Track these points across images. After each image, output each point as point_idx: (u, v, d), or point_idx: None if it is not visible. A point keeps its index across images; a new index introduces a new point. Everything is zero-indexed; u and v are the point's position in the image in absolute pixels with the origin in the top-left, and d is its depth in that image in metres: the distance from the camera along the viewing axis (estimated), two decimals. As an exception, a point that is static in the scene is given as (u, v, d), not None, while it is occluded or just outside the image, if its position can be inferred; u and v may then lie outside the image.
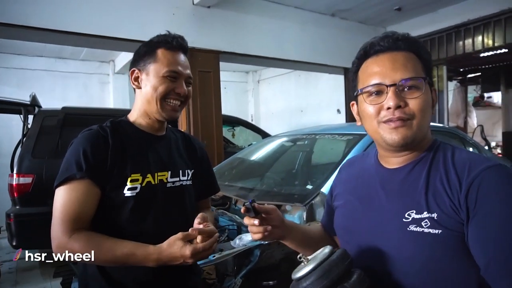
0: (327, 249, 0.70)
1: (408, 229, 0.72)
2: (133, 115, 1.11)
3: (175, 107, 1.07)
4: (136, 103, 1.10)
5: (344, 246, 0.89)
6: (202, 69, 4.07)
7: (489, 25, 4.73)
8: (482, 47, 4.87)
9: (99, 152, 0.97)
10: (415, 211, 0.73)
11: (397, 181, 0.79)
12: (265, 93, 9.14)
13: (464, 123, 7.47)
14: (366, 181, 0.87)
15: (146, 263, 0.91)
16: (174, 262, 0.92)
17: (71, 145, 1.00)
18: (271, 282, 1.50)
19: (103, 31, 3.56)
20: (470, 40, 4.97)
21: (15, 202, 3.33)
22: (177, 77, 1.05)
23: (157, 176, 1.05)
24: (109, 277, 0.99)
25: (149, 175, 1.03)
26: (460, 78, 7.36)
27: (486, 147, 4.18)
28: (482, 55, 5.34)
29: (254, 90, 9.28)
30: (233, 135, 6.08)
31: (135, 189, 1.00)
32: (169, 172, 1.08)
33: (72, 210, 0.92)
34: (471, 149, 2.92)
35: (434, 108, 0.81)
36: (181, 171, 1.12)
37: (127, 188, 0.98)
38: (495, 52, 5.17)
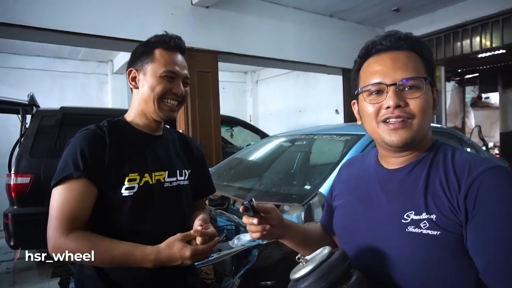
0: (326, 250, 0.70)
1: (407, 230, 0.72)
2: (130, 115, 1.10)
3: (172, 107, 1.07)
4: (133, 103, 1.10)
5: (343, 246, 0.89)
6: (200, 69, 4.07)
7: (487, 26, 4.75)
8: (480, 48, 4.89)
9: (97, 151, 0.97)
10: (414, 212, 0.72)
11: (396, 182, 0.79)
12: (263, 93, 9.14)
13: (462, 123, 7.50)
14: (366, 181, 0.87)
15: (143, 264, 0.90)
16: (172, 263, 0.91)
17: (68, 144, 1.00)
18: (269, 282, 1.50)
19: (102, 31, 3.56)
20: (468, 41, 4.99)
21: (12, 202, 3.31)
22: (174, 77, 1.05)
23: (155, 175, 1.05)
24: (106, 277, 0.98)
25: (146, 175, 1.03)
26: (458, 78, 7.39)
27: (483, 148, 4.19)
28: (480, 56, 5.36)
29: (252, 90, 9.28)
30: (232, 135, 6.08)
31: (132, 188, 0.99)
32: (167, 172, 1.08)
33: (69, 209, 0.92)
34: (468, 150, 2.93)
35: (435, 108, 0.81)
36: (178, 171, 1.12)
37: (124, 187, 0.98)
38: (493, 53, 5.20)
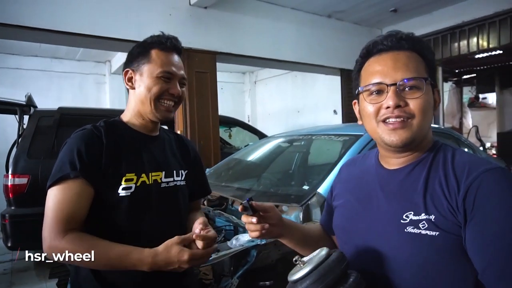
0: (324, 252, 0.69)
1: (405, 230, 0.72)
2: (126, 115, 1.10)
3: (169, 108, 1.07)
4: (129, 103, 1.10)
5: (342, 246, 0.90)
6: (198, 70, 4.07)
7: (484, 27, 4.77)
8: (477, 48, 4.91)
9: (94, 151, 0.96)
10: (413, 213, 0.72)
11: (396, 182, 0.79)
12: (261, 93, 9.14)
13: (459, 124, 7.53)
14: (365, 182, 0.87)
15: (140, 267, 0.89)
16: (169, 266, 0.90)
17: (65, 145, 0.99)
18: (268, 282, 1.50)
19: (100, 32, 3.55)
20: (465, 41, 5.01)
21: (10, 202, 3.30)
22: (171, 77, 1.05)
23: (151, 176, 1.05)
24: (103, 279, 0.98)
25: (143, 175, 1.02)
26: (455, 79, 7.42)
27: (481, 148, 4.21)
28: (477, 56, 5.39)
29: (250, 90, 9.28)
30: (230, 136, 6.07)
31: (129, 188, 0.99)
32: (163, 172, 1.08)
33: (65, 210, 0.91)
34: (466, 150, 2.94)
35: (436, 109, 0.81)
36: (175, 172, 1.12)
37: (121, 187, 0.98)
38: (490, 53, 5.23)
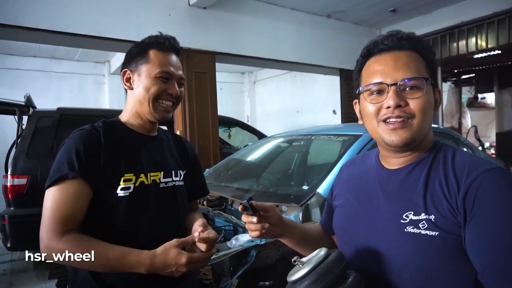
0: (323, 252, 0.69)
1: (405, 230, 0.72)
2: (124, 116, 1.10)
3: (168, 108, 1.07)
4: (127, 103, 1.10)
5: (342, 246, 0.90)
6: (198, 70, 4.07)
7: (482, 27, 4.78)
8: (475, 48, 4.92)
9: (92, 151, 0.96)
10: (413, 213, 0.72)
11: (396, 182, 0.79)
12: (261, 94, 9.14)
13: (458, 123, 7.55)
14: (366, 182, 0.87)
15: (137, 269, 0.88)
16: (166, 269, 0.89)
17: (63, 145, 0.99)
18: (267, 282, 1.50)
19: (99, 32, 3.54)
20: (464, 41, 5.02)
21: (9, 203, 3.30)
22: (169, 77, 1.05)
23: (150, 176, 1.04)
24: (102, 281, 0.97)
25: (142, 175, 1.02)
26: (454, 79, 7.44)
27: (480, 148, 4.22)
28: (475, 56, 5.40)
29: (250, 91, 9.28)
30: (229, 136, 6.07)
31: (128, 189, 0.99)
32: (162, 172, 1.08)
33: (63, 210, 0.90)
34: (465, 150, 2.94)
35: (437, 109, 0.81)
36: (173, 172, 1.12)
37: (120, 188, 0.98)
38: (489, 53, 5.24)
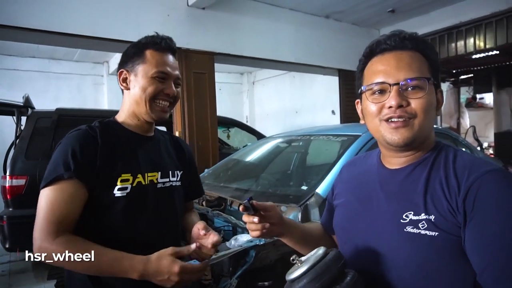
0: (321, 251, 0.70)
1: (405, 230, 0.72)
2: (121, 116, 1.10)
3: (164, 108, 1.07)
4: (124, 104, 1.09)
5: (342, 245, 0.90)
6: (197, 71, 4.06)
7: (481, 28, 4.79)
8: (474, 49, 4.92)
9: (88, 151, 0.96)
10: (413, 213, 0.72)
11: (396, 182, 0.79)
12: (260, 94, 9.14)
13: (457, 124, 7.56)
14: (366, 181, 0.87)
15: (129, 274, 0.87)
16: (158, 277, 0.87)
17: (59, 145, 0.98)
18: (267, 282, 1.50)
19: (98, 33, 3.54)
20: (462, 42, 5.03)
21: (8, 204, 3.29)
22: (165, 78, 1.05)
23: (147, 176, 1.04)
24: (98, 281, 0.97)
25: (139, 175, 1.02)
26: (452, 79, 7.45)
27: (478, 148, 4.23)
28: (474, 57, 5.40)
29: (249, 91, 9.29)
30: (228, 136, 6.08)
31: (125, 189, 0.98)
32: (159, 172, 1.08)
33: (57, 211, 0.90)
34: (463, 150, 2.95)
35: (439, 109, 0.81)
36: (170, 172, 1.12)
37: (117, 188, 0.97)
38: (487, 54, 5.24)
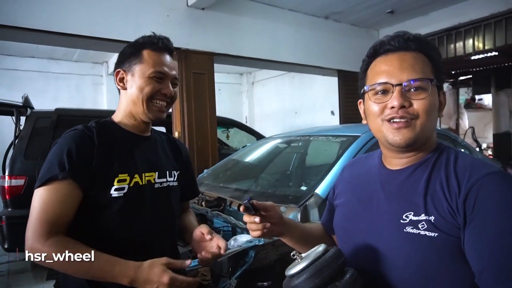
0: (321, 248, 0.70)
1: (404, 230, 0.72)
2: (117, 116, 1.09)
3: (162, 108, 1.06)
4: (120, 104, 1.09)
5: (341, 245, 0.90)
6: (196, 71, 4.07)
7: (479, 29, 4.80)
8: (473, 50, 4.94)
9: (85, 151, 0.95)
10: (413, 213, 0.73)
11: (397, 183, 0.79)
12: (259, 94, 9.15)
13: (456, 125, 7.59)
14: (367, 182, 0.88)
15: (120, 279, 0.87)
16: (148, 285, 0.86)
17: (55, 145, 0.98)
18: (266, 283, 1.50)
19: (97, 33, 3.54)
20: (461, 43, 5.04)
21: (7, 204, 3.29)
22: (163, 77, 1.05)
23: (145, 176, 1.04)
24: (94, 282, 0.95)
25: (136, 176, 1.02)
26: (451, 80, 7.47)
27: (477, 149, 4.24)
28: (473, 58, 5.41)
29: (248, 91, 9.29)
30: (228, 137, 6.08)
31: (122, 189, 0.98)
32: (157, 172, 1.08)
33: (51, 212, 0.89)
34: (462, 151, 2.95)
35: (441, 111, 0.81)
36: (167, 172, 1.12)
37: (114, 188, 0.97)
38: (486, 55, 5.26)
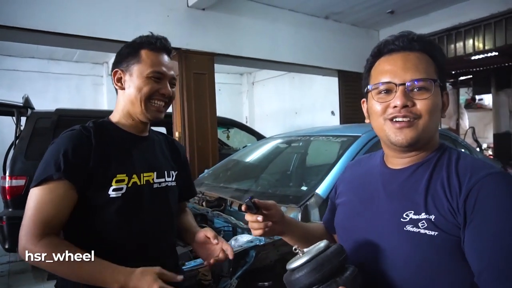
0: (323, 243, 0.71)
1: (405, 229, 0.73)
2: (115, 116, 1.09)
3: (160, 108, 1.06)
4: (118, 104, 1.09)
5: (342, 244, 0.90)
6: (196, 71, 4.07)
7: (480, 29, 4.80)
8: (473, 50, 4.93)
9: (82, 152, 0.95)
10: (413, 212, 0.73)
11: (398, 182, 0.80)
12: (259, 94, 9.15)
13: (456, 125, 7.58)
14: (369, 181, 0.88)
15: (110, 284, 0.86)
16: None
17: (51, 145, 0.97)
18: (267, 283, 1.50)
19: (97, 33, 3.54)
20: (461, 43, 5.03)
21: (7, 204, 3.29)
22: (161, 77, 1.05)
23: (143, 176, 1.04)
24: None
25: (134, 176, 1.02)
26: (452, 80, 7.47)
27: (477, 149, 4.24)
28: (473, 58, 5.41)
29: (248, 92, 9.29)
30: (228, 137, 6.07)
31: (120, 189, 0.98)
32: (155, 172, 1.08)
33: (45, 212, 0.89)
34: (462, 151, 2.95)
35: (444, 111, 0.81)
36: (166, 172, 1.12)
37: (112, 189, 0.97)
38: (486, 55, 5.25)
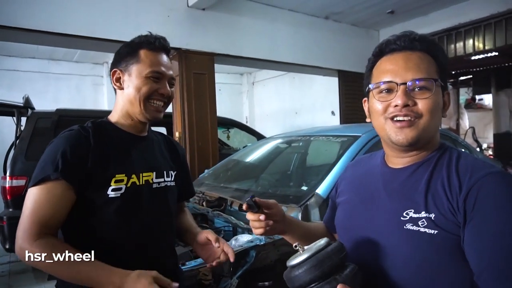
0: (323, 241, 0.71)
1: (405, 227, 0.73)
2: (114, 116, 1.08)
3: (159, 108, 1.06)
4: (117, 104, 1.09)
5: (343, 243, 0.91)
6: (197, 71, 4.07)
7: (480, 29, 4.80)
8: (473, 50, 4.93)
9: (80, 152, 0.95)
10: (413, 210, 0.73)
11: (399, 181, 0.80)
12: (259, 95, 9.15)
13: (456, 125, 7.58)
14: (369, 181, 0.88)
15: (106, 285, 0.85)
16: None
17: (50, 145, 0.97)
18: (267, 282, 1.51)
19: (97, 33, 3.54)
20: (461, 43, 5.03)
21: (8, 204, 3.30)
22: (160, 77, 1.05)
23: (142, 176, 1.04)
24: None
25: (133, 176, 1.02)
26: (452, 80, 7.46)
27: (477, 149, 4.25)
28: (473, 58, 5.40)
29: (248, 92, 9.29)
30: (228, 137, 6.07)
31: (119, 189, 0.98)
32: (154, 172, 1.08)
33: (42, 212, 0.89)
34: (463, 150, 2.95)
35: (445, 111, 0.81)
36: (165, 172, 1.12)
37: (111, 189, 0.96)
38: (486, 55, 5.25)
